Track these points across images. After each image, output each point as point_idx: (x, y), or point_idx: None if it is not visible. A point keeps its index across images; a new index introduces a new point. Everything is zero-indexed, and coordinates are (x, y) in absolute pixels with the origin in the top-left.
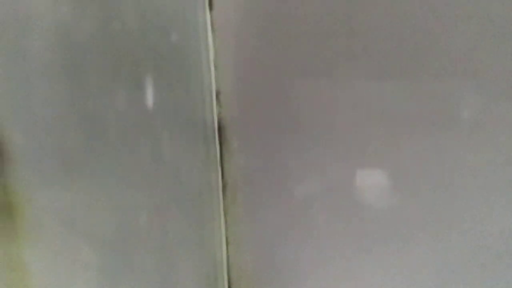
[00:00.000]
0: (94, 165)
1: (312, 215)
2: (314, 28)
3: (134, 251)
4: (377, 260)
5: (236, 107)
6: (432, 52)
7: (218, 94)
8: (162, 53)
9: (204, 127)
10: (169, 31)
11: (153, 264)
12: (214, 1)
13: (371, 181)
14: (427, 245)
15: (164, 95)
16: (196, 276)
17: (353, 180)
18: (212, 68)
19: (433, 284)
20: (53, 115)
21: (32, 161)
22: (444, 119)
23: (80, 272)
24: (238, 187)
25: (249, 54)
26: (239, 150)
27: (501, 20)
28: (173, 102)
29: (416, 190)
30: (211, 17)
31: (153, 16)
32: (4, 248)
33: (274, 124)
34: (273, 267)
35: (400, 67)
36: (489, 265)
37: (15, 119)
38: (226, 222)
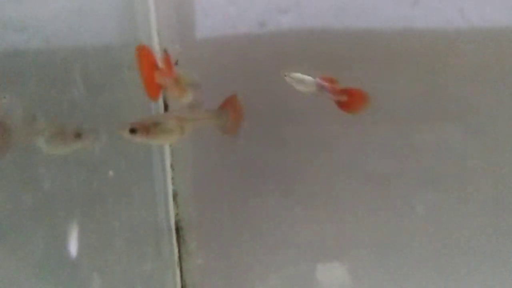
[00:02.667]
0: None
1: None
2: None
3: None
4: None
5: (194, 208)
6: None
7: (175, 195)
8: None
9: (160, 229)
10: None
11: None
12: (169, 107)
13: (330, 276)
14: None
15: (122, 198)
16: None
17: (313, 276)
18: (169, 170)
19: None
20: None
21: None
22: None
23: None
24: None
25: (205, 156)
26: (198, 251)
27: None
28: (128, 207)
29: (374, 282)
30: None
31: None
32: None
33: (232, 224)
34: None
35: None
36: None
37: None
38: None
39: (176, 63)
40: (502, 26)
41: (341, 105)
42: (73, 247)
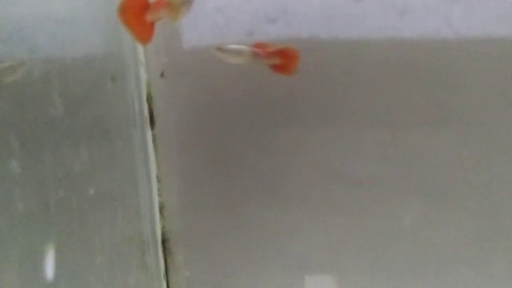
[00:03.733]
0: None
1: None
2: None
3: None
4: None
5: (181, 220)
6: None
7: (161, 207)
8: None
9: (146, 242)
10: (111, 145)
11: None
12: (155, 119)
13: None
14: None
15: (104, 214)
16: None
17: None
18: (155, 183)
19: None
20: None
21: None
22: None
23: None
24: None
25: (192, 167)
26: (185, 263)
27: None
28: (110, 222)
29: None
30: (152, 134)
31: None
32: None
33: (220, 235)
34: None
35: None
36: None
37: None
38: None
39: (162, 75)
40: (488, 35)
41: (276, 68)
42: (50, 268)
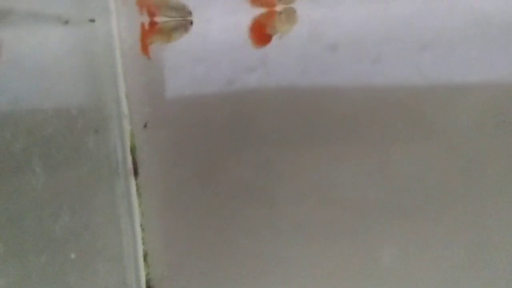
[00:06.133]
0: None
1: None
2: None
3: None
4: None
5: (165, 267)
6: None
7: (145, 255)
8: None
9: None
10: (94, 198)
11: None
12: (139, 169)
13: None
14: None
15: (87, 266)
16: None
17: None
18: (139, 231)
19: None
20: None
21: None
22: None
23: None
24: None
25: (176, 214)
26: None
27: None
28: (93, 279)
29: None
30: (136, 183)
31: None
32: None
33: (205, 280)
34: None
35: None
36: None
37: None
38: None
39: (145, 126)
40: (457, 82)
41: None
42: None
